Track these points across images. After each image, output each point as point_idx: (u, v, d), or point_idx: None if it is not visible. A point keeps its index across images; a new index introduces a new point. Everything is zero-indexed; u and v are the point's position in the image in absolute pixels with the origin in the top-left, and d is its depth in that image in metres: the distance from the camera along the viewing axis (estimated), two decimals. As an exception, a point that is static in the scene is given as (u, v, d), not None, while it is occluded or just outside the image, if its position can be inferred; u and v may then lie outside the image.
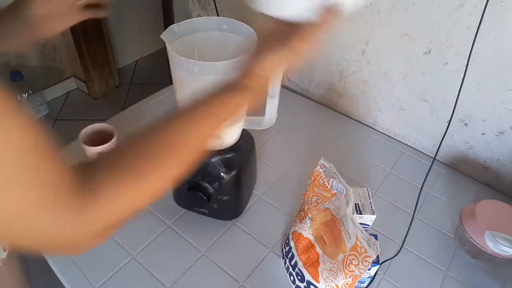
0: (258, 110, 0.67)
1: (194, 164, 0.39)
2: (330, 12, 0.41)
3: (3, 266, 0.66)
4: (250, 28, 0.58)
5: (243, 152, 0.70)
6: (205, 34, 0.61)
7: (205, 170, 0.66)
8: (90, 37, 2.09)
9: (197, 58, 0.62)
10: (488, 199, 0.71)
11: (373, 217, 0.62)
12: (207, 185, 0.67)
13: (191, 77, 0.54)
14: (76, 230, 0.28)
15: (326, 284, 0.56)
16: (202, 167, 0.66)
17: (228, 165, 0.66)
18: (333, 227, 0.56)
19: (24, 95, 1.94)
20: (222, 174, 0.66)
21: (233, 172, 0.67)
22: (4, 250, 0.66)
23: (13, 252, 0.70)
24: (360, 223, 0.63)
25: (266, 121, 0.67)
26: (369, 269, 0.59)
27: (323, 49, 0.98)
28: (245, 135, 0.71)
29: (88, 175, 0.30)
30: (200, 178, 0.67)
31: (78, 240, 0.30)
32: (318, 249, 0.58)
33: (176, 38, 0.58)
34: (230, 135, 0.65)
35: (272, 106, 0.65)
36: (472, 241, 0.67)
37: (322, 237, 0.58)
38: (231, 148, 0.67)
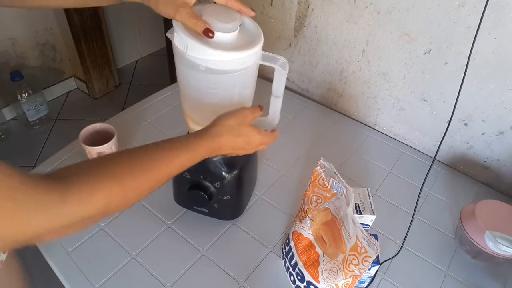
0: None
1: (163, 183, 0.45)
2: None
3: (3, 268, 0.66)
4: (256, 24, 0.58)
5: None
6: None
7: (207, 169, 0.66)
8: (90, 37, 2.09)
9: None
10: (488, 199, 0.71)
11: (373, 217, 0.62)
12: (208, 184, 0.67)
13: (196, 74, 0.55)
14: (54, 222, 0.34)
15: (326, 284, 0.56)
16: (203, 166, 0.66)
17: (230, 165, 0.66)
18: (333, 227, 0.56)
19: (24, 95, 1.94)
20: (224, 173, 0.66)
21: (235, 172, 0.67)
22: (4, 252, 0.66)
23: (13, 254, 0.70)
24: (360, 223, 0.63)
25: (269, 121, 0.67)
26: (369, 269, 0.59)
27: (323, 49, 0.98)
28: (246, 135, 0.71)
29: (61, 178, 0.35)
30: (201, 177, 0.67)
31: (58, 229, 0.35)
32: (318, 249, 0.58)
33: None
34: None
35: (275, 106, 0.64)
36: (472, 241, 0.67)
37: (322, 237, 0.58)
38: (232, 148, 0.67)
